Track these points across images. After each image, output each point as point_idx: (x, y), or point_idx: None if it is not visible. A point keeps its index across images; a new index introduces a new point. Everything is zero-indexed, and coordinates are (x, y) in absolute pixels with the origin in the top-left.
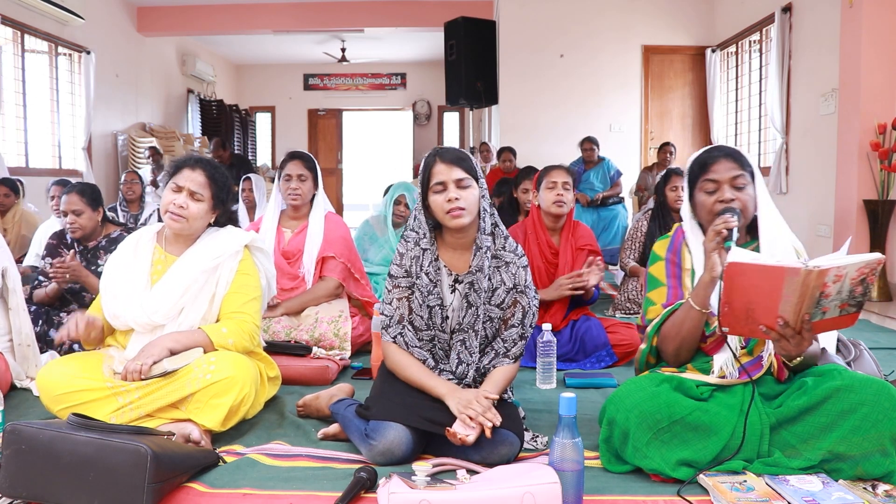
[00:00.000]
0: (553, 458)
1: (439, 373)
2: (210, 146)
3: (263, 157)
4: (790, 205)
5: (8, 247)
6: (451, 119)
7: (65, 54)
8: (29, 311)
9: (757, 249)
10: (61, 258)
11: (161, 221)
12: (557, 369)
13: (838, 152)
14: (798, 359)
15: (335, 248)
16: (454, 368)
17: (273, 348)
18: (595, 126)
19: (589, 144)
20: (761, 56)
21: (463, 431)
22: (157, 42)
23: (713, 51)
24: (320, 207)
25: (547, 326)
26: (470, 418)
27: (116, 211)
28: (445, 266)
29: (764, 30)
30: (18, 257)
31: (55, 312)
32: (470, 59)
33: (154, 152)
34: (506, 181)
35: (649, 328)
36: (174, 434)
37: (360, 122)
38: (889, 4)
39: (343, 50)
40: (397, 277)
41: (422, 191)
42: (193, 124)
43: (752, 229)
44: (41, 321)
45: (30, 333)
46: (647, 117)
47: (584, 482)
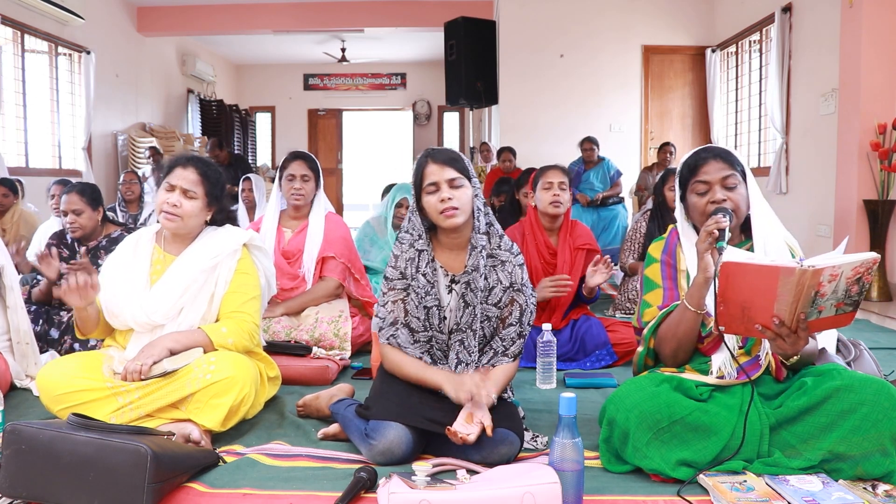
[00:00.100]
0: (553, 458)
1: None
2: (208, 146)
3: (263, 157)
4: (790, 205)
5: (6, 247)
6: (451, 119)
7: (65, 54)
8: (29, 311)
9: (751, 249)
10: (75, 260)
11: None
12: (557, 369)
13: (838, 152)
14: (795, 358)
15: (335, 249)
16: (454, 368)
17: (273, 348)
18: (595, 126)
19: (589, 144)
20: (761, 56)
21: (463, 430)
22: (157, 42)
23: (713, 51)
24: (321, 207)
25: (547, 326)
26: (469, 400)
27: (115, 211)
28: (442, 267)
29: (764, 30)
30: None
31: (55, 312)
32: (470, 59)
33: (154, 152)
34: (505, 181)
35: (646, 330)
36: (174, 434)
37: (360, 122)
38: (889, 4)
39: (343, 50)
40: (392, 280)
41: (415, 192)
42: (193, 124)
43: (746, 228)
44: (41, 321)
45: (28, 331)
46: (647, 117)
47: (584, 482)
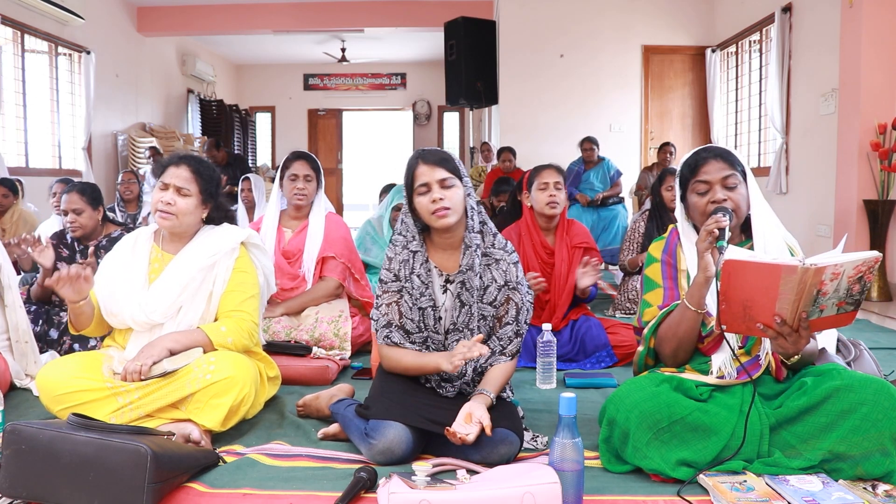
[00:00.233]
0: (553, 458)
1: (437, 374)
2: (205, 146)
3: (263, 157)
4: (790, 205)
5: (5, 247)
6: (451, 119)
7: (65, 54)
8: (29, 311)
9: (751, 248)
10: (82, 259)
11: None
12: (557, 369)
13: (838, 152)
14: (795, 357)
15: (335, 249)
16: None
17: (273, 348)
18: (595, 126)
19: (589, 144)
20: (761, 56)
21: (463, 430)
22: (157, 42)
23: (713, 51)
24: (321, 207)
25: (547, 326)
26: (468, 416)
27: (115, 211)
28: (436, 267)
29: (764, 30)
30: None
31: (55, 312)
32: (470, 59)
33: (154, 152)
34: (505, 181)
35: (646, 330)
36: (174, 434)
37: (360, 122)
38: (889, 4)
39: (343, 50)
40: (386, 282)
41: (406, 194)
42: (193, 124)
43: (746, 228)
44: (41, 321)
45: (27, 330)
46: (647, 117)
47: (584, 482)
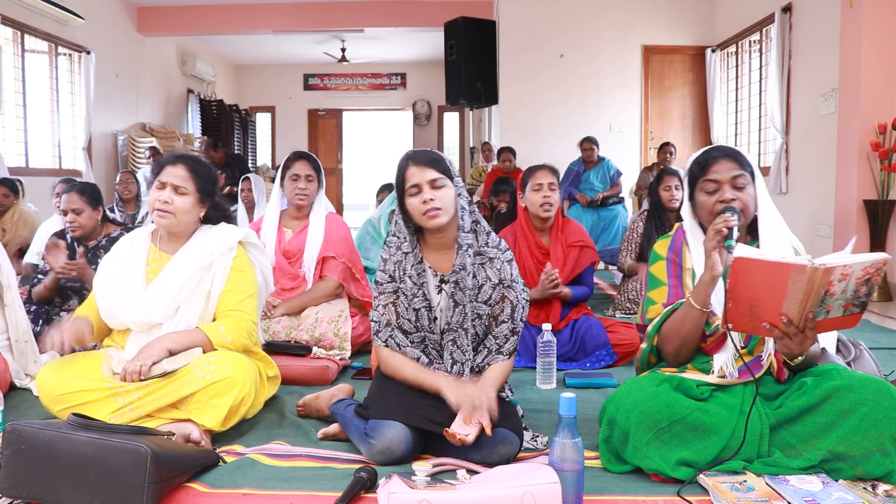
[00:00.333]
0: (553, 458)
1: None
2: (203, 146)
3: (263, 157)
4: (790, 205)
5: (4, 247)
6: (451, 119)
7: (65, 54)
8: (29, 311)
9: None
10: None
11: None
12: (557, 369)
13: (838, 152)
14: (799, 358)
15: (336, 248)
16: (449, 368)
17: (273, 348)
18: (595, 126)
19: (588, 144)
20: (761, 56)
21: (462, 431)
22: (157, 42)
23: (713, 51)
24: (321, 207)
25: (547, 326)
26: (469, 414)
27: (113, 211)
28: (431, 267)
29: (764, 30)
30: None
31: (56, 312)
32: (470, 59)
33: (154, 152)
34: (504, 180)
35: (650, 327)
36: (174, 434)
37: (360, 122)
38: (889, 4)
39: (343, 50)
40: (382, 283)
41: (397, 195)
42: (193, 124)
43: (752, 229)
44: (41, 321)
45: (27, 329)
46: (647, 117)
47: (584, 482)
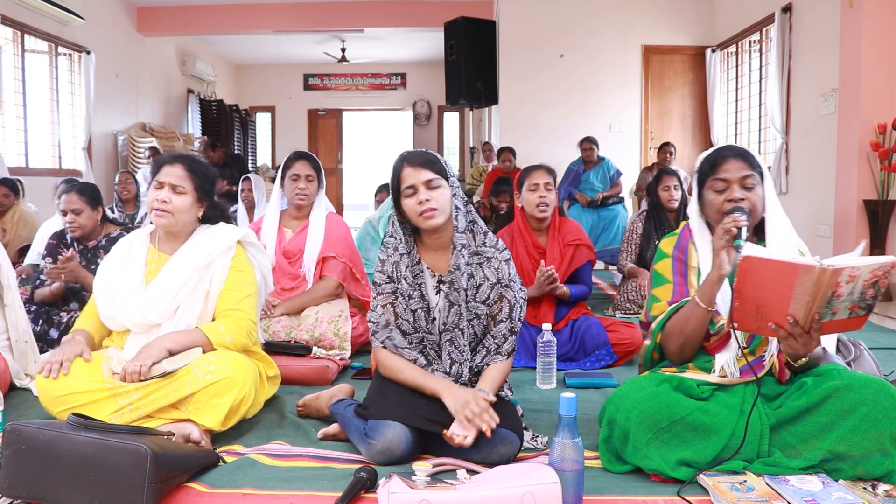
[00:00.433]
0: (553, 458)
1: (433, 372)
2: (201, 146)
3: (263, 157)
4: (790, 205)
5: (5, 247)
6: (451, 119)
7: (65, 54)
8: (29, 311)
9: None
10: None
11: None
12: (557, 369)
13: (838, 152)
14: (803, 360)
15: (336, 248)
16: (448, 369)
17: (273, 348)
18: (595, 126)
19: (588, 144)
20: (761, 56)
21: (461, 433)
22: (157, 42)
23: (713, 51)
24: (321, 207)
25: (547, 326)
26: (467, 419)
27: (113, 211)
28: (429, 268)
29: (764, 30)
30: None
31: (55, 312)
32: (470, 59)
33: (154, 152)
34: (505, 180)
35: (654, 325)
36: (174, 434)
37: (360, 122)
38: (889, 4)
39: (343, 50)
40: (380, 284)
41: (393, 196)
42: (193, 124)
43: (759, 230)
44: (41, 321)
45: (27, 330)
46: (647, 117)
47: (584, 482)
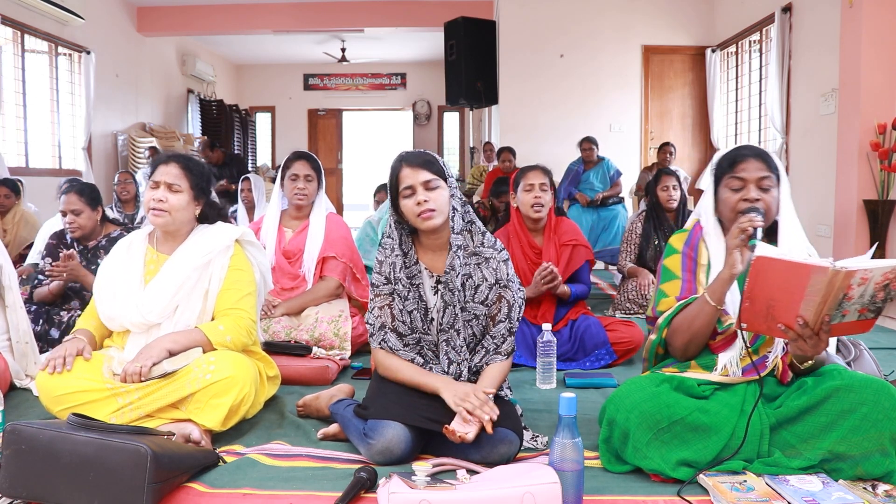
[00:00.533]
0: (553, 458)
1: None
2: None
3: (263, 157)
4: None
5: (6, 247)
6: (451, 119)
7: (65, 54)
8: (29, 311)
9: None
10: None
11: None
12: (557, 369)
13: (838, 152)
14: (809, 362)
15: (336, 249)
16: (446, 369)
17: (273, 348)
18: (595, 126)
19: (588, 144)
20: (761, 56)
21: (462, 429)
22: (157, 42)
23: (713, 51)
24: (322, 207)
25: (547, 326)
26: (468, 413)
27: (112, 211)
28: (427, 269)
29: (764, 30)
30: (15, 259)
31: (56, 311)
32: (470, 59)
33: (154, 152)
34: (504, 181)
35: (661, 319)
36: (174, 434)
37: (360, 122)
38: (889, 4)
39: (343, 50)
40: (378, 285)
41: (391, 197)
42: (193, 124)
43: (769, 233)
44: (41, 320)
45: (27, 330)
46: (647, 117)
47: (584, 482)
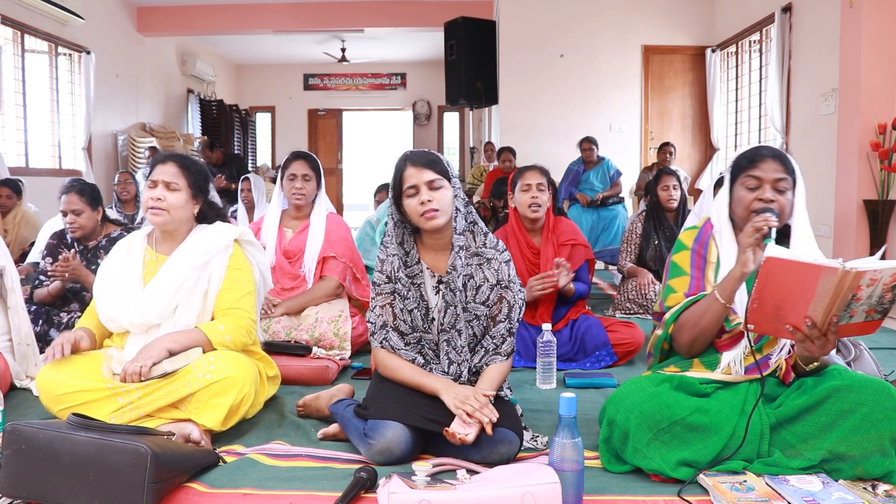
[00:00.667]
0: (553, 458)
1: (431, 372)
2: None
3: (263, 157)
4: None
5: (7, 247)
6: (451, 119)
7: (65, 54)
8: (29, 311)
9: None
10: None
11: None
12: (557, 369)
13: (838, 152)
14: (815, 364)
15: (336, 248)
16: (446, 369)
17: (273, 348)
18: (595, 126)
19: (588, 144)
20: (761, 56)
21: (462, 431)
22: (157, 42)
23: (713, 51)
24: (322, 207)
25: (547, 326)
26: (468, 415)
27: (112, 211)
28: (428, 268)
29: (764, 30)
30: (17, 258)
31: (55, 312)
32: (470, 59)
33: (154, 152)
34: (504, 181)
35: (668, 315)
36: (174, 434)
37: (360, 122)
38: (889, 4)
39: (343, 50)
40: (379, 284)
41: (394, 196)
42: (193, 124)
43: (781, 236)
44: (41, 321)
45: (29, 332)
46: (647, 117)
47: (584, 482)
